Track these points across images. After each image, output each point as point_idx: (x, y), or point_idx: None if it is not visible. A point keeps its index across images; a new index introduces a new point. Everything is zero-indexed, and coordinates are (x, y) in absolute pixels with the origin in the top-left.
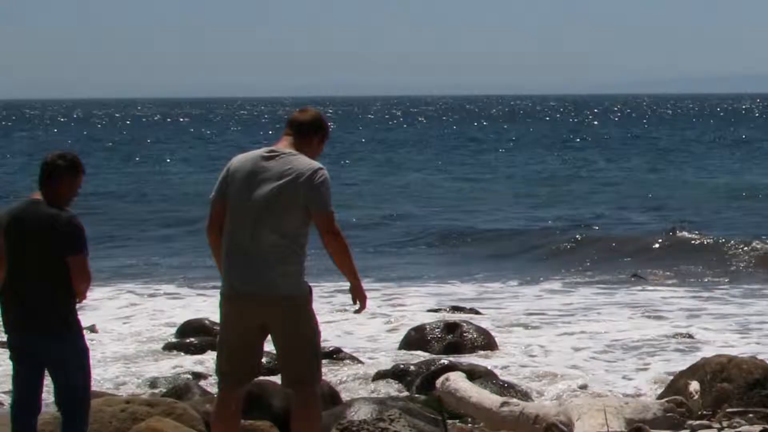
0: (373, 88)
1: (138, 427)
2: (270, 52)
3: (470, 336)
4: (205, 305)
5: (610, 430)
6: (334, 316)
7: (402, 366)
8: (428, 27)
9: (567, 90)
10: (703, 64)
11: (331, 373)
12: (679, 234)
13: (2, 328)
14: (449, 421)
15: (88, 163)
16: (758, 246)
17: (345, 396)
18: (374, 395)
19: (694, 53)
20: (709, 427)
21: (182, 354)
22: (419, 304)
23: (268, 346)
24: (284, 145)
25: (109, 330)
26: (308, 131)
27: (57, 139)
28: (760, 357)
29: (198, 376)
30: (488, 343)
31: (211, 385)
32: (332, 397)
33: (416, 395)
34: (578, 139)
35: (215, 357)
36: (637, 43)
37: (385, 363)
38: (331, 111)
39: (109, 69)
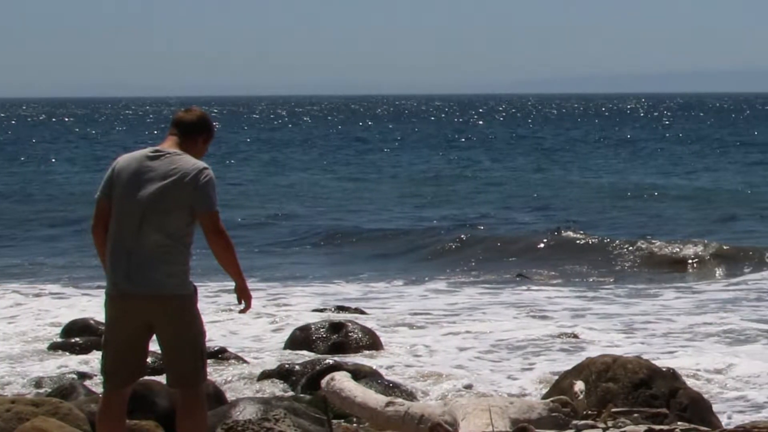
0: (258, 88)
1: (23, 427)
2: (155, 53)
3: (355, 336)
4: (91, 305)
5: (494, 429)
6: (219, 315)
7: (287, 366)
8: (313, 27)
9: (452, 90)
10: (588, 64)
11: (216, 373)
12: (564, 234)
13: None
14: (334, 421)
15: None
16: (643, 246)
17: (230, 396)
18: (259, 395)
19: (579, 53)
20: (594, 426)
21: (67, 354)
22: (304, 303)
23: (153, 346)
24: (169, 145)
25: None
26: (193, 131)
27: None
28: (644, 357)
29: (83, 375)
30: (373, 343)
31: (96, 384)
32: (217, 396)
33: (301, 395)
34: (463, 139)
35: (100, 357)
36: (521, 44)
37: (270, 363)
38: (216, 111)
39: None
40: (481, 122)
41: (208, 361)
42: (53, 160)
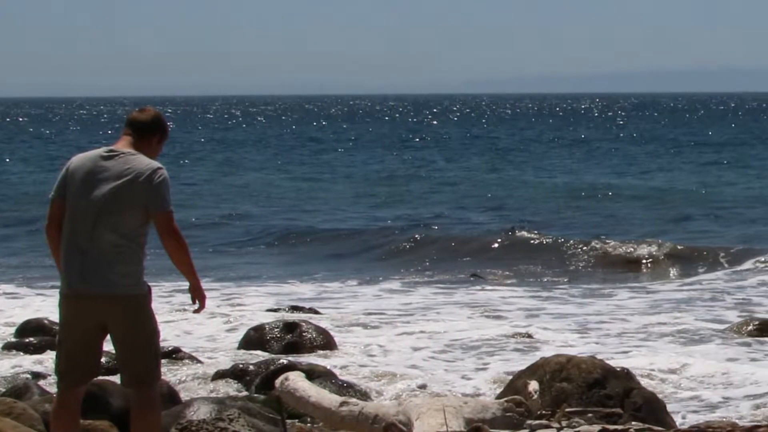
0: (212, 87)
1: None
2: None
3: (309, 336)
4: (45, 305)
5: (449, 429)
6: (173, 315)
7: (241, 366)
8: (265, 27)
9: (406, 90)
10: (541, 64)
11: (170, 373)
12: (518, 234)
13: None
14: (288, 421)
15: None
16: (597, 246)
17: (184, 396)
18: (213, 395)
19: (533, 53)
20: (548, 426)
21: (21, 354)
22: (258, 303)
23: (108, 346)
24: (123, 145)
25: None
26: (147, 131)
27: None
28: (599, 357)
29: (37, 375)
30: (327, 343)
31: (50, 384)
32: (171, 396)
33: (255, 395)
34: (418, 139)
35: (54, 357)
36: (475, 44)
37: (225, 363)
38: (170, 111)
39: None
40: (435, 122)
41: (162, 361)
42: (7, 160)
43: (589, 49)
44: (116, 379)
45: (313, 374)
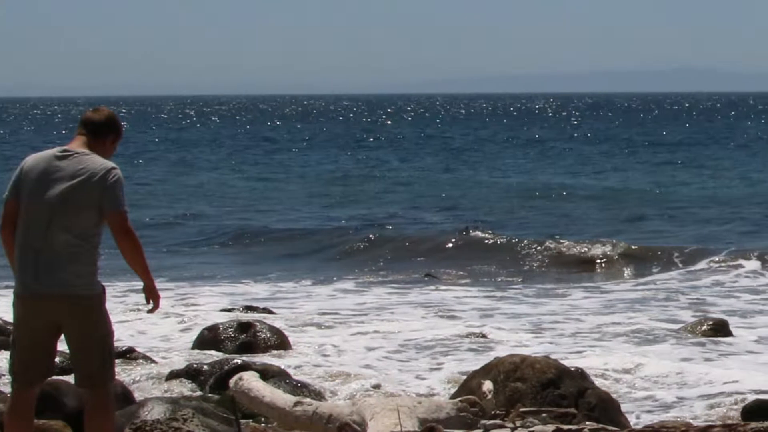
0: (166, 87)
1: None
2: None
3: (263, 335)
4: None
5: (403, 429)
6: (127, 315)
7: (195, 365)
8: (219, 26)
9: (360, 90)
10: (495, 63)
11: (124, 373)
12: (472, 234)
13: None
14: (243, 421)
15: None
16: (551, 245)
17: (138, 395)
18: (167, 395)
19: (486, 53)
20: (502, 426)
21: None
22: (213, 303)
23: (62, 346)
24: (77, 145)
25: None
26: (101, 131)
27: None
28: (553, 356)
29: None
30: (281, 343)
31: (4, 384)
32: (125, 396)
33: (210, 395)
34: (372, 139)
35: (8, 357)
36: (429, 43)
37: (179, 362)
38: (124, 111)
39: None
40: (389, 122)
41: (117, 360)
42: None
43: (543, 49)
44: (70, 379)
45: (267, 374)
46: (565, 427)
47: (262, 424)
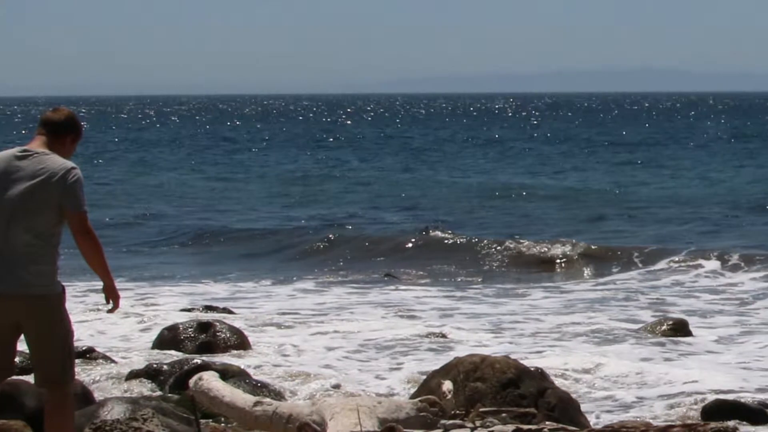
0: (126, 87)
1: None
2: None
3: (223, 335)
4: None
5: (362, 429)
6: (87, 315)
7: (155, 365)
8: (176, 26)
9: (320, 89)
10: (454, 63)
11: (84, 373)
12: (432, 233)
13: None
14: (202, 421)
15: None
16: (511, 245)
17: (98, 395)
18: (127, 395)
19: (446, 53)
20: (462, 426)
21: None
22: (172, 303)
23: (22, 345)
24: (37, 145)
25: None
26: (61, 131)
27: None
28: (513, 356)
29: None
30: (241, 343)
31: None
32: (85, 396)
33: (169, 395)
34: (331, 139)
35: None
36: (389, 43)
37: (139, 362)
38: (84, 111)
39: None
40: (349, 122)
41: (76, 360)
42: None
43: (502, 49)
44: (30, 378)
45: (227, 374)
46: (525, 427)
47: (222, 424)
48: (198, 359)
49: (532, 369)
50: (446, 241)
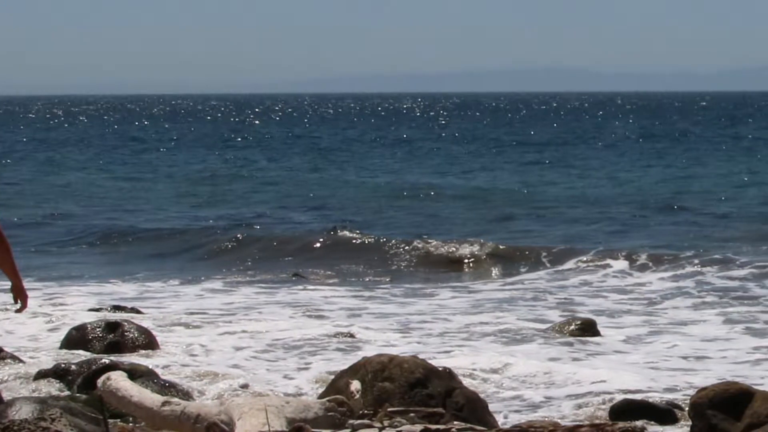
0: (34, 87)
1: None
2: None
3: (131, 335)
4: None
5: (271, 429)
6: None
7: (63, 365)
8: (83, 26)
9: (228, 89)
10: (361, 63)
11: None
12: (340, 233)
13: None
14: (111, 421)
15: None
16: (419, 245)
17: (6, 395)
18: (35, 394)
19: (352, 53)
20: (370, 426)
21: None
22: (81, 303)
23: None
24: None
25: None
26: None
27: None
28: (421, 356)
29: None
30: (149, 343)
31: None
32: None
33: (78, 394)
34: (240, 139)
35: None
36: (297, 43)
37: (47, 362)
38: None
39: None
40: (257, 122)
41: None
42: None
43: (410, 49)
44: None
45: (135, 374)
46: (433, 426)
47: (130, 424)
48: (106, 359)
49: (440, 369)
50: (354, 241)
